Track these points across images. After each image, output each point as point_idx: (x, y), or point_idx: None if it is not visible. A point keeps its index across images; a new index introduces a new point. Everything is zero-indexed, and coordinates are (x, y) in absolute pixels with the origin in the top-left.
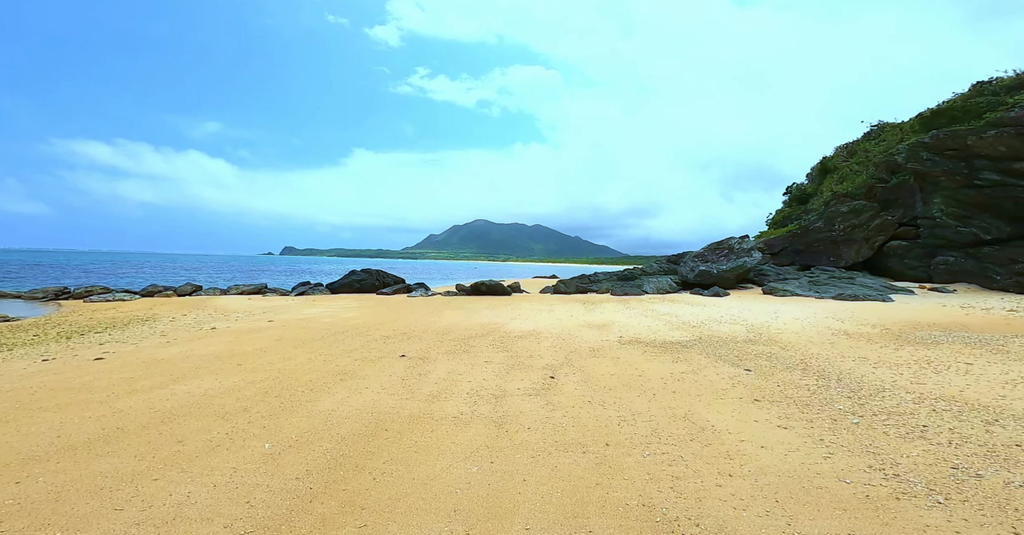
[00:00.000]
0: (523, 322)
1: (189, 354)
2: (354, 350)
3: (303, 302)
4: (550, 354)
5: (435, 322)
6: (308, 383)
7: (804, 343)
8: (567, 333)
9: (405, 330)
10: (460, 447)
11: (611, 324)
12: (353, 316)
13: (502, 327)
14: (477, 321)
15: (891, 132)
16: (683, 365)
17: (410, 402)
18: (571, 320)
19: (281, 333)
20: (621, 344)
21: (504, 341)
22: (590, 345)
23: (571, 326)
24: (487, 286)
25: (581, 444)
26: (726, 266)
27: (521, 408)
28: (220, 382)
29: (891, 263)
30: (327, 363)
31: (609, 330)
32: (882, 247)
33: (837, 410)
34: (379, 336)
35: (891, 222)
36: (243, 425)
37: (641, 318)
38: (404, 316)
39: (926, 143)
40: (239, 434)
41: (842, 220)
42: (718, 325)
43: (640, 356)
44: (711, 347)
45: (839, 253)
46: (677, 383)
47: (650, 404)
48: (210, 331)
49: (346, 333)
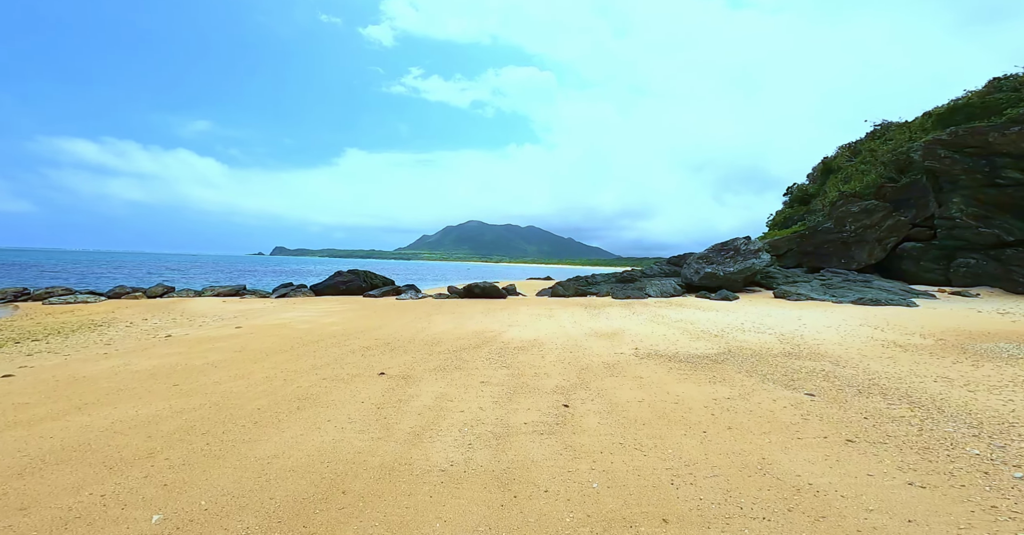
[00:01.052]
0: (522, 330)
1: (121, 370)
2: (325, 365)
3: (282, 305)
4: (558, 372)
5: (424, 329)
6: (254, 413)
7: (856, 357)
8: (574, 344)
9: (389, 339)
10: (450, 526)
11: (621, 333)
12: (333, 322)
13: (499, 336)
14: (471, 328)
15: (896, 131)
16: (724, 388)
17: (384, 443)
18: (575, 328)
19: (245, 342)
20: (639, 358)
21: (502, 354)
22: (603, 360)
23: (577, 335)
24: (481, 288)
25: (626, 520)
26: (733, 268)
27: (532, 454)
28: (137, 410)
29: (906, 265)
30: (287, 384)
31: (620, 340)
32: (895, 249)
33: (975, 456)
34: (358, 347)
35: (904, 222)
36: (134, 481)
37: (653, 325)
38: (390, 322)
39: (944, 140)
40: (121, 497)
41: (853, 220)
42: (742, 334)
43: (667, 374)
44: (747, 362)
45: (850, 255)
46: (728, 414)
47: (704, 447)
48: (163, 339)
49: (320, 342)
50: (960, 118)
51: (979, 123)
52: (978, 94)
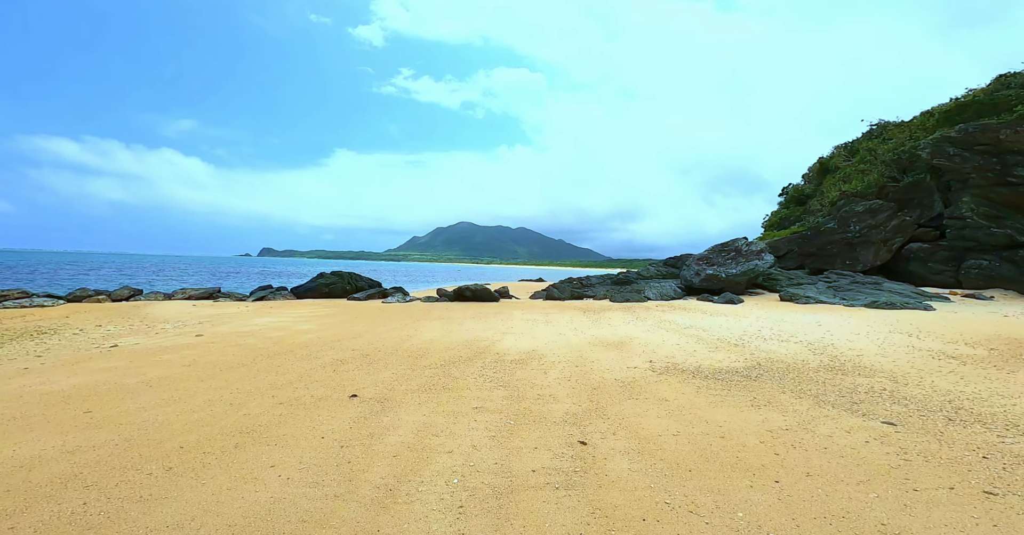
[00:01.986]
0: (519, 338)
1: (30, 391)
2: (287, 385)
3: (257, 309)
4: (566, 393)
5: (409, 338)
6: (173, 454)
7: (912, 372)
8: (578, 356)
9: (368, 350)
10: None
11: (629, 342)
12: (308, 329)
13: (493, 346)
14: (461, 336)
15: (895, 130)
16: (775, 414)
17: (343, 504)
18: (577, 335)
19: (199, 354)
20: (657, 374)
21: (498, 368)
22: (616, 376)
23: (580, 344)
24: (472, 291)
25: None
26: (736, 270)
27: (548, 524)
28: (15, 450)
29: (912, 267)
30: (232, 410)
31: (630, 351)
32: (900, 249)
33: None
34: (331, 360)
35: (909, 223)
36: None
37: (662, 332)
38: (373, 328)
39: (953, 137)
40: None
41: (858, 220)
42: (765, 342)
43: (696, 396)
44: (787, 379)
45: (855, 256)
46: (797, 453)
47: (786, 507)
48: (107, 350)
49: (288, 355)
50: (968, 115)
51: (988, 120)
52: (984, 91)
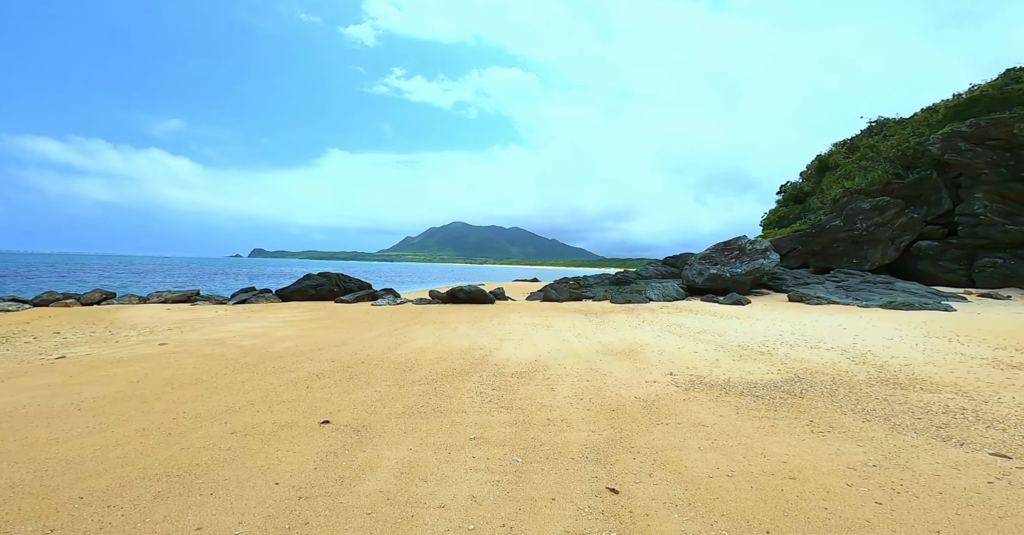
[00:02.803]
0: (518, 346)
1: None
2: (247, 406)
3: (236, 313)
4: (580, 415)
5: (398, 346)
6: (67, 507)
7: (979, 385)
8: (587, 367)
9: (351, 361)
10: None
11: (641, 349)
12: (288, 335)
13: (491, 355)
14: (455, 344)
15: (896, 127)
16: (848, 443)
17: None
18: (582, 342)
19: (156, 367)
20: (682, 389)
21: (498, 384)
22: (635, 392)
23: (587, 352)
24: (466, 293)
25: None
26: (740, 269)
27: None
28: None
29: (922, 266)
30: (169, 442)
31: (644, 360)
32: (908, 248)
33: None
34: (307, 373)
35: (916, 220)
36: None
37: (674, 338)
38: (358, 335)
39: (964, 132)
40: None
41: (864, 218)
42: (792, 349)
43: (738, 418)
44: (840, 395)
45: (863, 255)
46: (904, 500)
47: None
48: (51, 363)
49: (259, 366)
50: (978, 110)
51: (999, 114)
52: (993, 85)
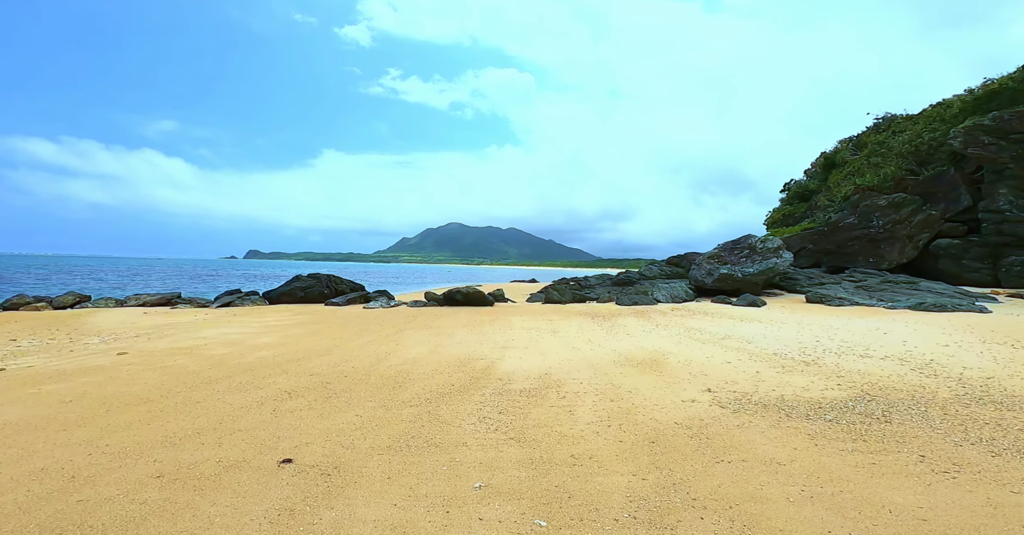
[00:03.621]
0: (524, 354)
1: None
2: (191, 436)
3: (216, 318)
4: (613, 449)
5: (388, 355)
6: None
7: None
8: (606, 381)
9: (333, 374)
10: None
11: (664, 359)
12: (268, 342)
13: (494, 366)
14: (453, 353)
15: (904, 123)
16: (997, 490)
17: None
18: (595, 350)
19: (101, 382)
20: (730, 411)
21: (504, 405)
22: (673, 416)
23: (602, 362)
24: (464, 294)
25: None
26: (752, 269)
27: None
28: None
29: (943, 264)
30: (67, 490)
31: (672, 372)
32: (927, 246)
33: None
34: (277, 391)
35: (935, 217)
36: None
37: (697, 345)
38: (346, 342)
39: (987, 126)
40: None
41: (881, 215)
42: (841, 358)
43: (820, 452)
44: (937, 419)
45: (880, 253)
46: None
47: None
48: None
49: (224, 382)
50: (1000, 102)
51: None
52: (1013, 78)
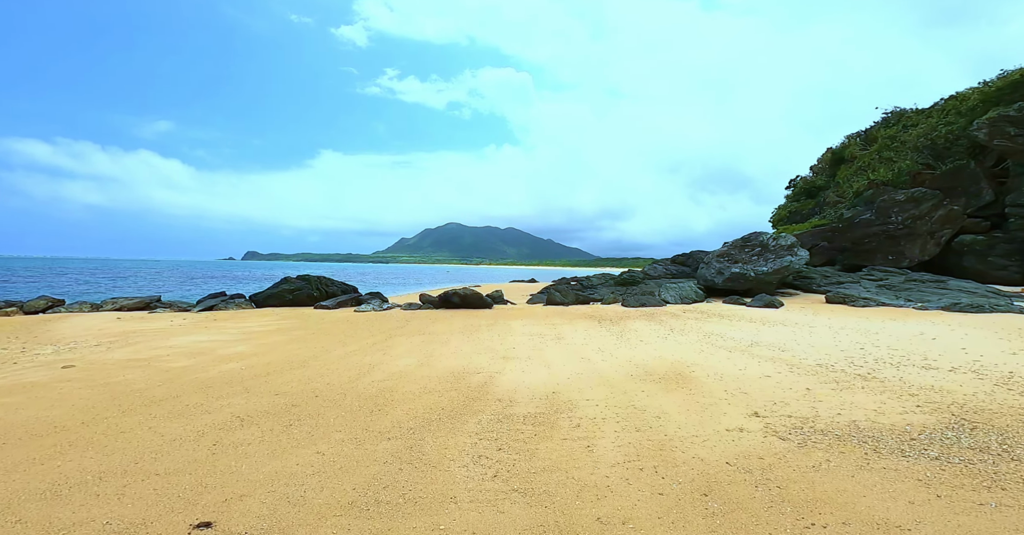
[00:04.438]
0: (526, 367)
1: None
2: (87, 483)
3: (192, 324)
4: (653, 507)
5: (372, 368)
6: None
7: None
8: (626, 401)
9: (304, 393)
10: None
11: (690, 373)
12: (239, 352)
13: (492, 383)
14: (446, 365)
15: (915, 117)
16: None
17: None
18: (607, 361)
19: (22, 403)
20: (793, 443)
21: (504, 437)
22: (719, 450)
23: (617, 376)
24: (460, 296)
25: None
26: (766, 267)
27: None
28: None
29: (967, 262)
30: None
31: (704, 390)
32: (949, 243)
33: None
34: (228, 416)
35: (957, 213)
36: None
37: (723, 354)
38: (328, 351)
39: (1013, 116)
40: None
41: (900, 210)
42: (901, 371)
43: (950, 508)
44: None
45: (899, 250)
46: None
47: None
48: None
49: (167, 403)
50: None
51: None
52: None
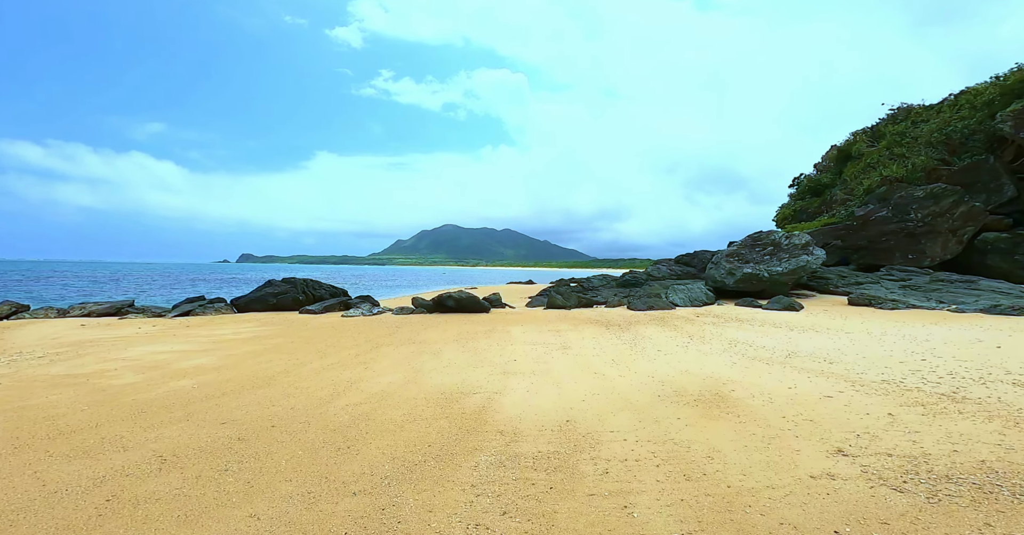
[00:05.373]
0: (531, 384)
1: None
2: None
3: (161, 331)
4: None
5: (349, 386)
6: None
7: None
8: (659, 432)
9: (260, 420)
10: None
11: (727, 392)
12: (199, 365)
13: (491, 406)
14: (436, 382)
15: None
16: None
17: None
18: (623, 375)
19: None
20: (920, 498)
21: (508, 490)
22: (821, 517)
23: (640, 397)
24: (456, 300)
25: None
26: (781, 267)
27: None
28: None
29: (992, 260)
30: None
31: (752, 417)
32: (971, 241)
33: None
34: (147, 456)
35: (979, 209)
36: None
37: (761, 367)
38: (301, 365)
39: None
40: None
41: (919, 207)
42: (989, 388)
43: None
44: None
45: (920, 249)
46: None
47: None
48: None
49: (77, 436)
50: None
51: None
52: None
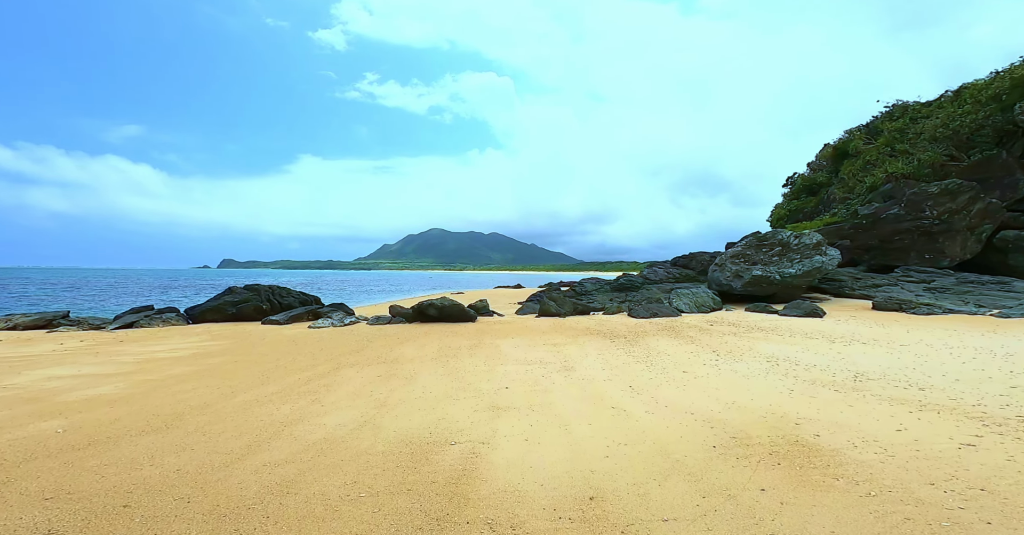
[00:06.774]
0: (529, 427)
1: None
2: None
3: (91, 346)
4: None
5: (282, 429)
6: None
7: None
8: (743, 521)
9: (108, 493)
10: None
11: (805, 436)
12: (99, 395)
13: (474, 468)
14: (402, 425)
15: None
16: None
17: None
18: (650, 410)
19: None
20: None
21: None
22: None
23: (687, 451)
24: (438, 308)
25: None
26: (794, 269)
27: None
28: None
29: (1013, 259)
30: None
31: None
32: (990, 239)
33: None
34: None
35: (997, 206)
36: None
37: (834, 398)
38: (230, 395)
39: None
40: None
41: (934, 204)
42: None
43: None
44: None
45: (938, 248)
46: None
47: None
48: None
49: None
50: None
51: None
52: None
